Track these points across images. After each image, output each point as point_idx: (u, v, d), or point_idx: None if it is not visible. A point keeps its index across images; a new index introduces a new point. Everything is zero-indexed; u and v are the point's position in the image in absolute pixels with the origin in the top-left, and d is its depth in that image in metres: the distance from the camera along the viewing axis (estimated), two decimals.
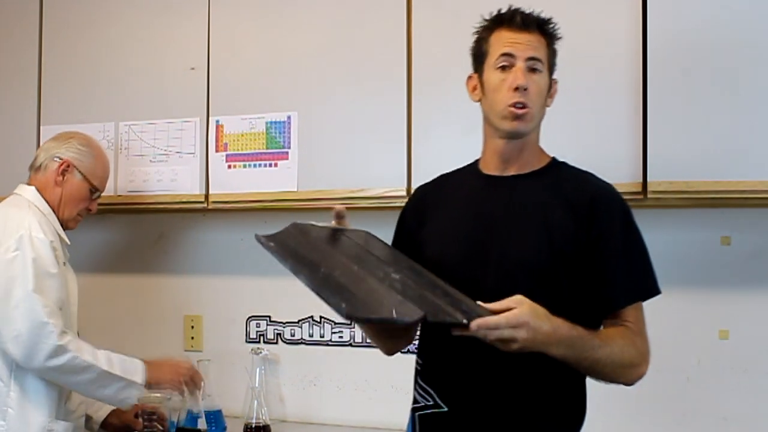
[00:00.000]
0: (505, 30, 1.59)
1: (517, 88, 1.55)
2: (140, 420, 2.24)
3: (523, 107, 1.56)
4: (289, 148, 2.40)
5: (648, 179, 2.03)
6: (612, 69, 2.09)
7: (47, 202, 2.19)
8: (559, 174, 1.64)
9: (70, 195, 2.22)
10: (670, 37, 2.04)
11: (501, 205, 1.62)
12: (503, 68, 1.58)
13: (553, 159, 1.68)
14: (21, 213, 2.09)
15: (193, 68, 2.52)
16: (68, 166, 2.21)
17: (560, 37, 1.65)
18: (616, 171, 2.05)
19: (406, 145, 2.27)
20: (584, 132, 2.11)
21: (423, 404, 1.64)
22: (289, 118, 2.41)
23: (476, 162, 1.72)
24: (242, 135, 2.46)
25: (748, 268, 2.25)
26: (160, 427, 2.25)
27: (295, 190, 2.38)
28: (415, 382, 1.69)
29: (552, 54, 1.63)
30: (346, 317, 1.31)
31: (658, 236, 2.30)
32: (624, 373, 1.53)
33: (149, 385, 2.13)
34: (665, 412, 2.29)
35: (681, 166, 2.01)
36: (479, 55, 1.64)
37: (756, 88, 1.98)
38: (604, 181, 1.64)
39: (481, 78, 1.64)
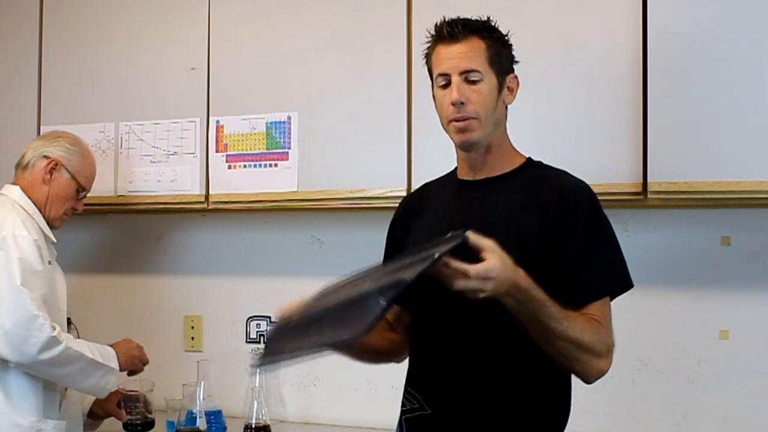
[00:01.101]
0: (441, 45, 1.61)
1: (454, 104, 1.57)
2: (122, 411, 2.25)
3: (465, 119, 1.58)
4: (290, 148, 2.40)
5: (648, 179, 2.03)
6: (612, 69, 2.09)
7: (34, 200, 2.18)
8: (530, 174, 1.65)
9: (57, 194, 2.21)
10: (670, 37, 2.04)
11: (472, 209, 1.64)
12: (444, 86, 1.60)
13: (528, 159, 1.69)
14: (4, 212, 2.08)
15: (193, 68, 2.52)
16: (56, 164, 2.21)
17: (505, 34, 1.64)
18: (616, 171, 2.05)
19: (407, 145, 2.27)
20: (584, 132, 2.11)
21: (409, 408, 1.66)
22: (289, 118, 2.41)
23: (455, 169, 1.74)
24: (242, 135, 2.46)
25: (748, 268, 2.25)
26: (146, 413, 2.25)
27: (296, 190, 2.38)
28: (404, 386, 1.71)
29: (496, 55, 1.60)
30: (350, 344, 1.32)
31: (658, 236, 2.31)
32: (582, 357, 1.48)
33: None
34: (665, 412, 2.29)
35: (681, 166, 2.01)
36: (429, 72, 1.68)
37: (756, 88, 1.97)
38: (575, 178, 1.64)
39: (433, 93, 1.67)
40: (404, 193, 2.23)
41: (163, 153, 2.55)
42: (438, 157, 2.20)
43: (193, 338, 2.81)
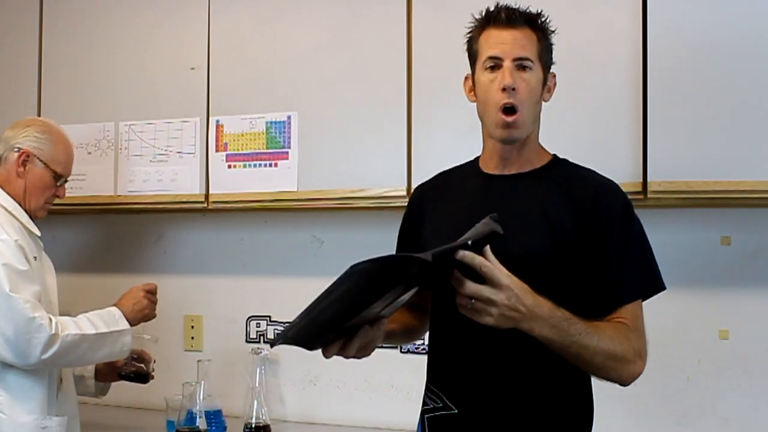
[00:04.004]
0: (493, 29, 1.58)
1: (505, 89, 1.54)
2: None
3: (513, 113, 1.54)
4: (289, 148, 2.40)
5: (648, 179, 2.03)
6: (612, 69, 2.09)
7: (12, 195, 2.14)
8: (560, 172, 1.63)
9: (34, 185, 2.16)
10: (670, 37, 2.04)
11: (501, 203, 1.59)
12: (492, 69, 1.57)
13: (555, 156, 1.67)
14: None
15: (193, 68, 2.52)
16: (28, 155, 2.15)
17: (552, 31, 1.62)
18: (616, 171, 2.05)
19: (406, 145, 2.27)
20: (584, 132, 2.11)
21: (432, 407, 1.63)
22: (289, 118, 2.41)
23: (476, 159, 1.70)
24: (242, 135, 2.46)
25: (748, 268, 2.25)
26: (143, 366, 2.26)
27: (295, 190, 2.38)
28: (426, 384, 1.69)
29: (544, 49, 1.59)
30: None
31: (658, 236, 2.29)
32: (616, 366, 1.48)
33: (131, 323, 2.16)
34: (665, 412, 2.29)
35: (681, 166, 2.01)
36: (471, 56, 1.64)
37: (756, 88, 1.98)
38: (606, 178, 1.62)
39: (474, 79, 1.63)
40: (404, 194, 2.24)
41: (162, 153, 2.55)
42: (437, 157, 2.20)
43: (193, 338, 2.81)
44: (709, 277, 2.28)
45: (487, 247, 1.35)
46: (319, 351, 1.42)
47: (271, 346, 1.45)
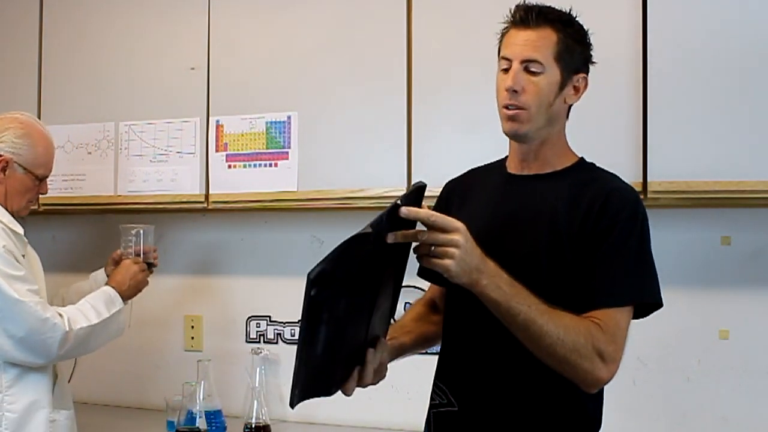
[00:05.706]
0: (513, 29, 1.57)
1: (507, 90, 1.54)
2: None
3: (516, 109, 1.54)
4: (289, 148, 2.41)
5: (648, 179, 2.03)
6: (612, 69, 2.09)
7: None
8: (580, 175, 1.60)
9: (15, 189, 2.13)
10: (670, 37, 2.04)
11: (517, 204, 1.60)
12: (505, 70, 1.56)
13: (581, 159, 1.65)
14: None
15: (193, 68, 2.52)
16: (7, 162, 2.12)
17: (579, 31, 1.59)
18: (616, 171, 2.04)
19: (406, 145, 2.27)
20: (584, 132, 2.09)
21: (438, 402, 1.65)
22: (289, 118, 2.41)
23: (505, 159, 1.70)
24: (242, 135, 2.46)
25: (748, 268, 2.25)
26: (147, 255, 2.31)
27: (295, 190, 2.38)
28: (433, 380, 1.69)
29: (566, 50, 1.55)
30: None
31: (658, 236, 2.29)
32: (568, 358, 1.41)
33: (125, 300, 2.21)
34: (665, 412, 2.30)
35: (681, 166, 2.01)
36: (498, 53, 1.63)
37: (756, 88, 1.98)
38: (625, 184, 1.60)
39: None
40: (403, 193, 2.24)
41: (162, 153, 2.55)
42: (438, 157, 2.21)
43: (193, 338, 2.81)
44: (709, 277, 2.28)
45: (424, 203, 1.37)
46: None
47: (292, 407, 1.43)
